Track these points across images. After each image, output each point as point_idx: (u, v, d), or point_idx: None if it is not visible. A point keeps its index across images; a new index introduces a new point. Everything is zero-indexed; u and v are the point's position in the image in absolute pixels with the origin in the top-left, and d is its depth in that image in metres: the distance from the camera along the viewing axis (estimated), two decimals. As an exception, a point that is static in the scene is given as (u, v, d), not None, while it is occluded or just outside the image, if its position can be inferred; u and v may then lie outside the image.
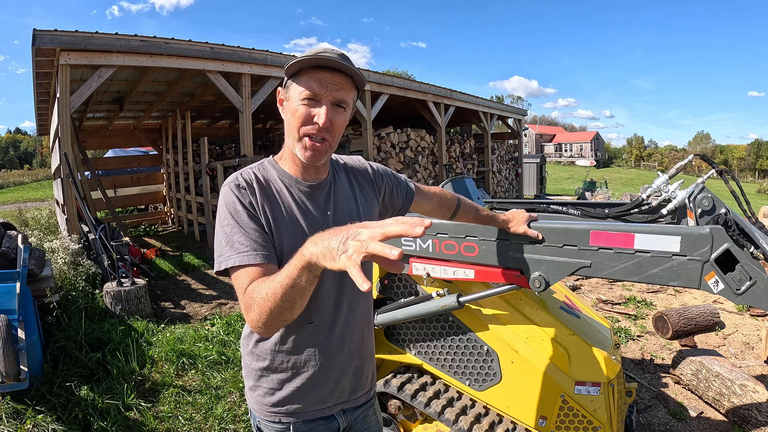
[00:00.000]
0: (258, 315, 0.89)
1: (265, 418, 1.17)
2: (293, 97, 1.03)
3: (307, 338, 1.12)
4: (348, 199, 1.18)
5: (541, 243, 1.58)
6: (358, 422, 1.27)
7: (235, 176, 1.07)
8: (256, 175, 1.08)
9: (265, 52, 7.35)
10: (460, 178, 2.40)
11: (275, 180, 1.10)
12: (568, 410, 1.79)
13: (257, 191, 1.05)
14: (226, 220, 1.01)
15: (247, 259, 0.96)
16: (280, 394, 1.15)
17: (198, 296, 5.69)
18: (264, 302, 0.87)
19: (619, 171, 47.25)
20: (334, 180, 1.18)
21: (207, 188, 8.73)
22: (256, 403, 1.18)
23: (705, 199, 1.56)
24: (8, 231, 4.44)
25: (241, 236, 0.98)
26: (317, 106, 1.01)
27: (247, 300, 0.92)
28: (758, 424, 2.59)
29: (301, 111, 1.01)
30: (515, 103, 74.61)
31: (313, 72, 1.00)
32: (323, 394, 1.17)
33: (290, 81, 1.04)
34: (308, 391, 1.15)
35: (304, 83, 1.01)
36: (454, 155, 13.21)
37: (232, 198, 1.03)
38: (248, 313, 0.92)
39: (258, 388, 1.17)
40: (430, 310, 1.91)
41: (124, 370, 3.31)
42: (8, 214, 11.78)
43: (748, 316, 4.52)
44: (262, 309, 0.88)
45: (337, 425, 1.22)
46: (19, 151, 66.15)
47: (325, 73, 1.00)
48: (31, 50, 5.51)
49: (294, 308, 0.86)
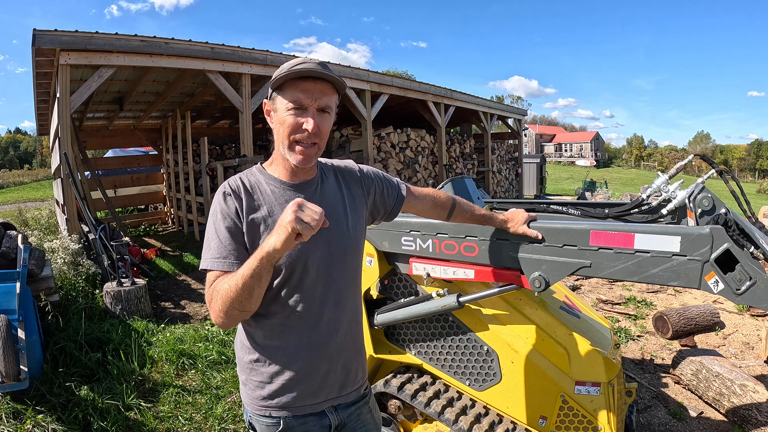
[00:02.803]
0: (220, 305, 1.03)
1: (257, 413, 1.20)
2: (280, 108, 1.12)
3: (295, 330, 1.16)
4: (335, 197, 1.24)
5: (541, 243, 1.58)
6: (352, 420, 1.28)
7: (225, 184, 1.17)
8: (243, 182, 1.17)
9: (265, 52, 7.35)
10: (460, 178, 2.40)
11: (262, 184, 1.18)
12: (568, 410, 1.79)
13: (243, 197, 1.14)
14: (209, 226, 1.14)
15: (216, 265, 1.09)
16: (270, 388, 1.17)
17: (198, 296, 5.69)
18: (226, 293, 1.01)
19: (619, 171, 47.26)
20: (321, 180, 1.24)
21: (207, 188, 8.73)
22: (248, 398, 1.21)
23: (705, 199, 1.56)
24: (8, 231, 4.44)
25: (216, 242, 1.11)
26: (304, 115, 1.10)
27: (211, 293, 1.06)
28: (758, 424, 2.59)
29: (290, 120, 1.10)
30: (515, 103, 74.62)
31: (297, 83, 1.09)
32: (312, 388, 1.19)
33: (275, 93, 1.13)
34: (297, 384, 1.17)
35: (289, 95, 1.09)
36: (454, 155, 13.21)
37: (215, 206, 1.14)
38: (211, 305, 1.06)
39: (249, 382, 1.20)
40: (430, 310, 1.91)
41: (124, 370, 3.31)
42: (8, 214, 11.78)
43: (748, 316, 4.52)
44: (224, 299, 1.02)
45: (328, 422, 1.23)
46: (19, 151, 66.18)
47: (308, 83, 1.09)
48: (31, 50, 5.51)
49: (252, 297, 1.01)
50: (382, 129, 10.72)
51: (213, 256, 1.09)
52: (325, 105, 1.11)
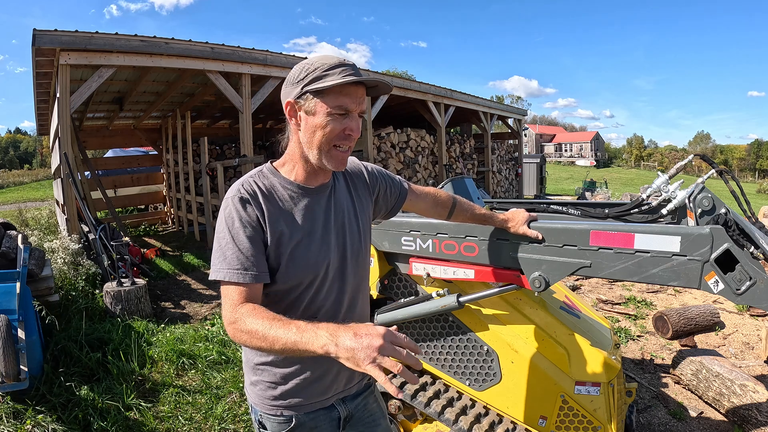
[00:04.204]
0: (238, 335, 0.98)
1: (267, 412, 1.20)
2: (320, 112, 1.05)
3: None
4: (347, 201, 1.25)
5: (541, 243, 1.58)
6: (359, 410, 1.31)
7: (237, 188, 1.09)
8: (258, 186, 1.11)
9: (265, 52, 7.35)
10: (460, 178, 2.39)
11: (278, 188, 1.13)
12: (568, 410, 1.79)
13: (262, 203, 1.08)
14: (223, 233, 1.06)
15: (237, 277, 1.02)
16: (282, 388, 1.17)
17: (198, 296, 5.69)
18: (251, 335, 0.95)
19: (619, 171, 47.26)
20: (334, 184, 1.23)
21: (207, 188, 8.73)
22: (258, 398, 1.21)
23: (705, 199, 1.56)
24: (8, 231, 4.44)
25: (234, 252, 1.04)
26: (348, 120, 1.06)
27: (236, 317, 0.99)
28: (758, 424, 2.59)
29: (334, 125, 1.05)
30: (515, 103, 74.57)
31: (341, 87, 1.04)
32: (323, 386, 1.21)
33: (312, 96, 1.05)
34: (310, 385, 1.18)
35: (333, 100, 1.04)
36: (454, 155, 13.21)
37: (231, 212, 1.06)
38: (229, 325, 1.00)
39: (259, 383, 1.20)
40: (430, 310, 1.91)
41: (124, 370, 3.31)
42: (8, 214, 11.78)
43: (748, 316, 4.52)
44: (245, 336, 0.96)
45: (337, 414, 1.25)
46: (19, 151, 66.18)
47: (351, 87, 1.05)
48: (31, 50, 5.51)
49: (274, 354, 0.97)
50: (382, 129, 10.72)
51: (231, 266, 1.02)
52: (364, 110, 1.10)
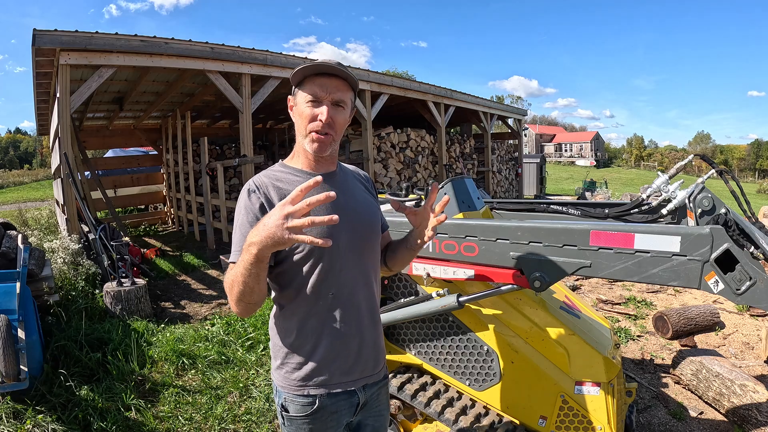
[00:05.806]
0: (229, 299, 1.10)
1: (293, 393, 1.24)
2: (300, 101, 1.22)
3: (329, 310, 1.22)
4: (355, 189, 1.35)
5: (540, 243, 1.58)
6: (372, 398, 1.35)
7: (249, 182, 1.23)
8: (267, 178, 1.24)
9: (265, 52, 7.34)
10: (460, 178, 2.39)
11: (286, 177, 1.25)
12: (568, 410, 1.79)
13: (271, 192, 1.20)
14: (235, 222, 1.21)
15: (235, 258, 1.13)
16: (306, 368, 1.23)
17: (198, 296, 5.69)
18: (230, 290, 1.08)
19: (619, 171, 47.25)
20: (342, 172, 1.34)
21: (207, 188, 8.72)
22: (284, 380, 1.26)
23: (705, 199, 1.56)
24: (8, 231, 4.45)
25: (240, 237, 1.16)
26: (320, 107, 1.19)
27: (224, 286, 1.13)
28: (758, 424, 2.59)
29: (307, 112, 1.20)
30: (515, 103, 74.54)
31: (314, 78, 1.20)
32: (346, 365, 1.25)
33: (296, 89, 1.23)
34: (332, 361, 1.23)
35: (307, 89, 1.20)
36: (454, 155, 13.21)
37: (240, 202, 1.21)
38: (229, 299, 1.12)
39: (286, 365, 1.25)
40: (430, 310, 1.91)
41: (124, 370, 3.31)
42: (8, 214, 11.79)
43: (748, 316, 4.52)
44: (230, 294, 1.09)
45: (357, 400, 1.30)
46: (19, 151, 66.15)
47: (324, 78, 1.19)
48: (31, 50, 5.51)
49: (253, 292, 1.05)
50: (382, 129, 10.71)
51: (236, 249, 1.15)
52: (339, 99, 1.20)
